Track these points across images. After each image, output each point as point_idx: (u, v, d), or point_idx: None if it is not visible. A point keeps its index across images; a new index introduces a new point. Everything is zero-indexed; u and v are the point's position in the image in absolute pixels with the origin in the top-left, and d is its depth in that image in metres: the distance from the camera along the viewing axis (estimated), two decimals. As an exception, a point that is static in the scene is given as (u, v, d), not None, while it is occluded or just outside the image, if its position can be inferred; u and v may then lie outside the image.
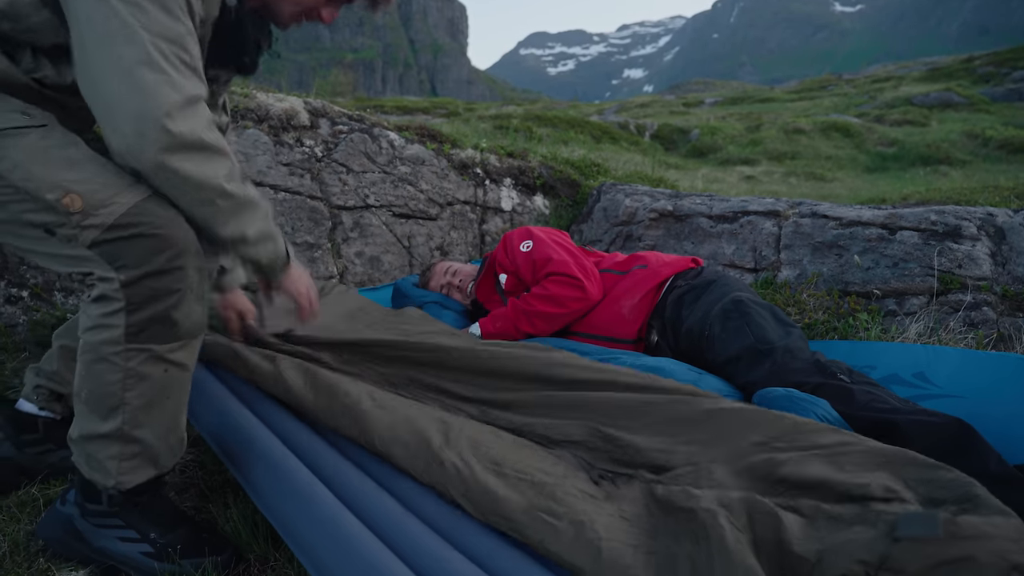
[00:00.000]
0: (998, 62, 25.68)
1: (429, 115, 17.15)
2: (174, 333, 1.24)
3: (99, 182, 1.18)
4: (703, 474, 1.18)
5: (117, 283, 1.16)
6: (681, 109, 25.72)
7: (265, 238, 1.36)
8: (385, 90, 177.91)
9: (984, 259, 2.42)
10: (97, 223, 1.15)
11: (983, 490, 1.00)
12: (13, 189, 1.16)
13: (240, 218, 1.28)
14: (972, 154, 12.38)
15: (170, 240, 1.19)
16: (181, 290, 1.21)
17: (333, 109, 3.73)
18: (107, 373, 1.21)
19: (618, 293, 2.33)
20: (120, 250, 1.16)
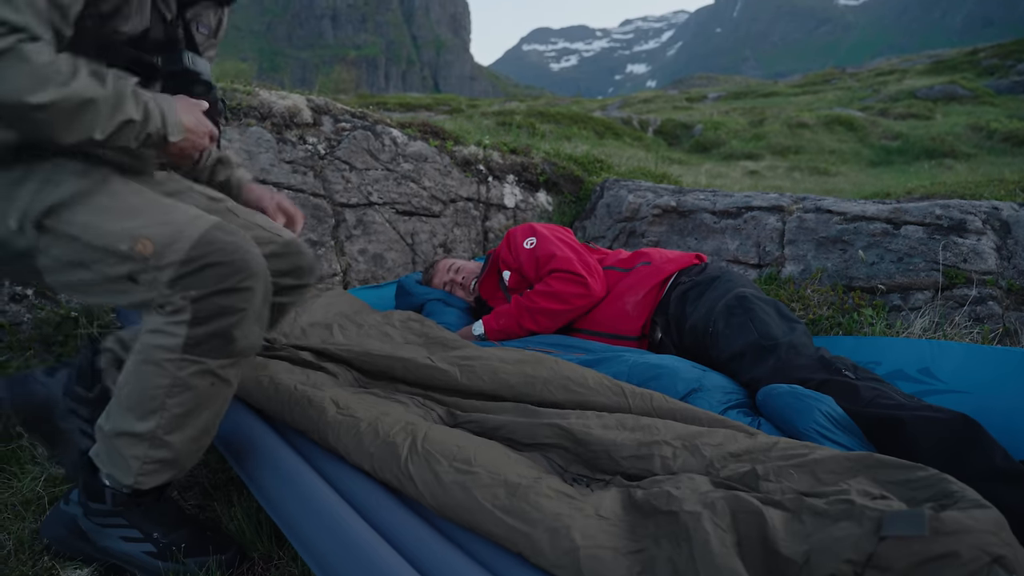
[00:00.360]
0: (1003, 54, 25.52)
1: (432, 112, 17.12)
2: (231, 350, 1.26)
3: (164, 222, 1.22)
4: (683, 480, 1.18)
5: (187, 298, 1.19)
6: (684, 104, 25.65)
7: (121, 129, 1.21)
8: (388, 87, 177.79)
9: (989, 253, 2.41)
10: (171, 260, 1.18)
11: (958, 485, 1.00)
12: (91, 249, 1.21)
13: (73, 123, 1.15)
14: (977, 147, 12.32)
15: (238, 264, 1.21)
16: (245, 310, 1.24)
17: (336, 106, 3.72)
18: (155, 377, 1.22)
19: (622, 290, 2.32)
20: (194, 280, 1.19)
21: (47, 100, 1.09)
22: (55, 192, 1.23)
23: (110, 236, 1.20)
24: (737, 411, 1.75)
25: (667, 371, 1.82)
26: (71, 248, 1.22)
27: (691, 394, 1.77)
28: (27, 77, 1.07)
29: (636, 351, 2.03)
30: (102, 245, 1.20)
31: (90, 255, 1.21)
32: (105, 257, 1.20)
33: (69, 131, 1.15)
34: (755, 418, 1.71)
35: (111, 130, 1.18)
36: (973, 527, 0.87)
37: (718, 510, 1.02)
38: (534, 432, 1.44)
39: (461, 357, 1.78)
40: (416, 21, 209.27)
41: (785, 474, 1.16)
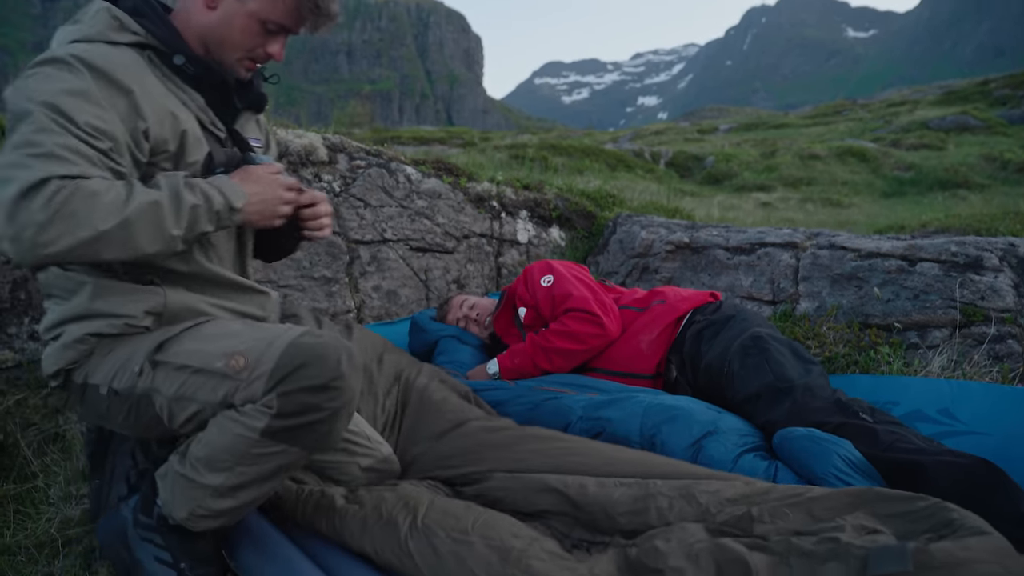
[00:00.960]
0: (1014, 84, 25.53)
1: (445, 145, 17.31)
2: (311, 443, 1.29)
3: (255, 338, 1.27)
4: (675, 531, 1.17)
5: (274, 393, 1.22)
6: (696, 136, 25.79)
7: (192, 216, 1.26)
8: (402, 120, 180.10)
9: (1007, 291, 2.39)
10: (262, 372, 1.22)
11: (960, 512, 0.99)
12: (193, 374, 1.27)
13: (151, 229, 1.20)
14: (991, 177, 12.27)
15: (326, 365, 1.23)
16: (330, 409, 1.26)
17: (351, 144, 3.78)
18: (231, 445, 1.25)
19: (637, 328, 2.32)
20: (284, 382, 1.22)
21: (119, 219, 1.15)
22: (169, 332, 1.34)
23: (208, 356, 1.26)
24: (753, 454, 1.72)
25: (682, 413, 1.81)
26: (177, 379, 1.28)
27: (706, 436, 1.75)
28: (94, 210, 1.13)
29: (650, 391, 2.02)
30: (201, 367, 1.26)
31: (192, 383, 1.27)
32: (205, 381, 1.25)
33: (152, 238, 1.20)
34: (772, 461, 1.68)
35: (185, 221, 1.24)
36: (965, 558, 0.85)
37: (702, 563, 1.02)
38: (534, 500, 1.45)
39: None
40: (430, 56, 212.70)
41: (780, 514, 1.16)
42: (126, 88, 1.27)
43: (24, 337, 2.41)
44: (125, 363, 1.33)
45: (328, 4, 1.43)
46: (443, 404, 2.01)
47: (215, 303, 1.48)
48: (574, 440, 1.73)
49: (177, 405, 1.28)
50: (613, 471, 1.55)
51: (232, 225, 1.36)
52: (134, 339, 1.36)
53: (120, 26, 1.35)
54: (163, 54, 1.39)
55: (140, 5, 1.39)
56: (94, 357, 1.37)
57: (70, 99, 1.19)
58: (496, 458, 1.68)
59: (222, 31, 1.41)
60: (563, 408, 1.99)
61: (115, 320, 1.35)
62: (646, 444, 1.79)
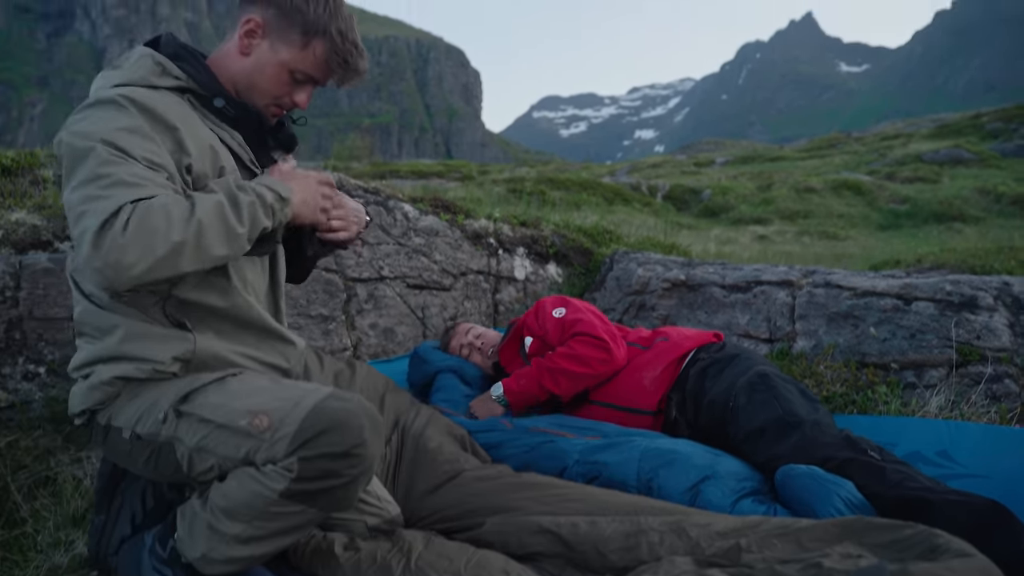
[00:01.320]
0: (1006, 118, 25.85)
1: (444, 179, 17.43)
2: (329, 506, 1.30)
3: (281, 398, 1.28)
4: (663, 565, 1.17)
5: (295, 457, 1.22)
6: (692, 169, 26.01)
7: (253, 214, 1.31)
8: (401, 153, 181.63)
9: (1003, 330, 2.39)
10: (285, 433, 1.23)
11: (946, 537, 0.99)
12: (215, 429, 1.28)
13: (216, 236, 1.24)
14: (985, 210, 12.37)
15: (350, 431, 1.24)
16: (350, 477, 1.27)
17: (350, 182, 3.80)
18: (249, 501, 1.26)
19: (640, 364, 2.32)
20: (307, 447, 1.22)
21: (193, 228, 1.20)
22: (197, 382, 1.35)
23: (232, 413, 1.27)
24: (752, 499, 1.70)
25: (680, 457, 1.79)
26: (200, 431, 1.29)
27: (703, 481, 1.74)
28: (169, 224, 1.18)
29: (649, 434, 2.00)
30: (224, 422, 1.27)
31: (214, 437, 1.28)
32: (227, 437, 1.27)
33: (222, 239, 1.25)
34: (770, 505, 1.67)
35: (246, 218, 1.29)
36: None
37: None
38: (527, 542, 1.45)
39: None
40: (429, 90, 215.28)
41: (768, 544, 1.16)
42: (172, 125, 1.33)
43: (18, 377, 2.40)
44: (150, 409, 1.35)
45: (357, 60, 1.51)
46: (438, 454, 2.00)
47: (242, 352, 1.49)
48: (569, 486, 1.72)
49: (198, 456, 1.30)
50: (609, 513, 1.55)
51: (284, 219, 1.40)
52: (160, 385, 1.38)
53: (163, 71, 1.41)
54: (202, 97, 1.46)
55: (180, 51, 1.47)
56: (120, 400, 1.40)
57: (126, 135, 1.25)
58: (491, 507, 1.67)
59: (253, 77, 1.48)
60: (559, 452, 1.97)
61: (143, 364, 1.36)
62: (643, 488, 1.77)
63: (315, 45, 1.46)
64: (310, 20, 1.44)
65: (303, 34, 1.45)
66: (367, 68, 1.56)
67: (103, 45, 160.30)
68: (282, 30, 1.45)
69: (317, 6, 1.44)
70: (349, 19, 1.49)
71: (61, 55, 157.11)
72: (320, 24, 1.44)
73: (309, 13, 1.43)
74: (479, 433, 2.21)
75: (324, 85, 1.56)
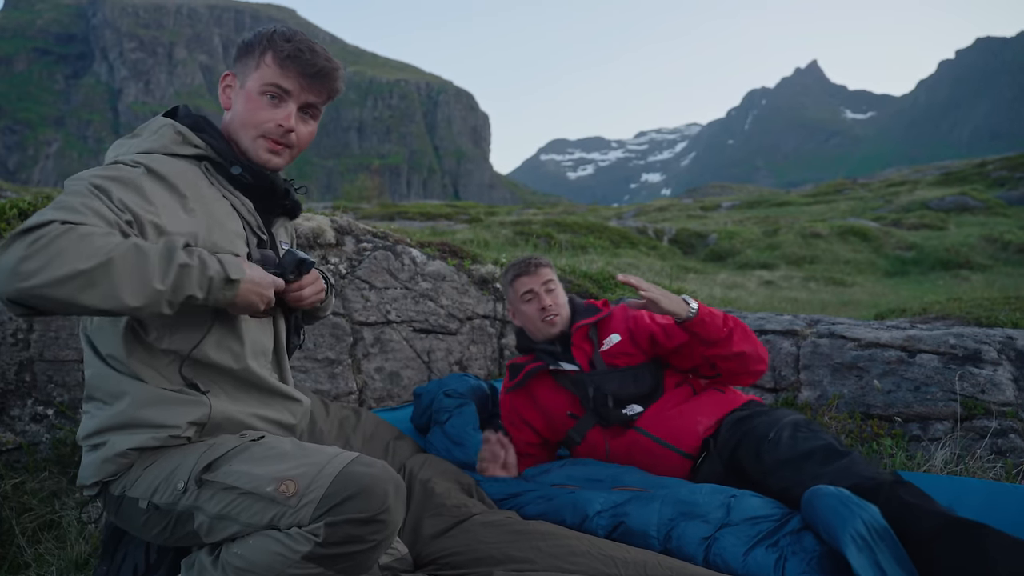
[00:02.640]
0: (1011, 166, 26.05)
1: (451, 220, 17.61)
2: (348, 569, 1.29)
3: (307, 463, 1.29)
4: None
5: (322, 523, 1.23)
6: (699, 213, 26.19)
7: (180, 276, 1.22)
8: (410, 194, 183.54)
9: (1007, 384, 2.39)
10: (311, 499, 1.23)
11: None
12: (240, 496, 1.28)
13: (126, 280, 1.16)
14: (992, 258, 12.39)
15: (375, 497, 1.25)
16: (374, 542, 1.27)
17: (358, 227, 3.86)
18: (269, 563, 1.25)
19: (698, 406, 2.24)
20: (332, 512, 1.23)
21: (101, 259, 1.13)
22: (218, 449, 1.35)
23: (258, 480, 1.27)
24: (765, 545, 1.71)
25: (698, 508, 1.81)
26: (223, 499, 1.29)
27: (720, 529, 1.75)
28: (80, 250, 1.12)
29: (672, 486, 1.98)
30: (250, 489, 1.27)
31: (238, 504, 1.28)
32: (252, 504, 1.27)
33: (134, 288, 1.16)
34: (781, 552, 1.67)
35: (171, 278, 1.20)
36: None
37: None
38: None
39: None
40: (438, 132, 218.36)
41: None
42: (181, 192, 1.39)
43: (26, 419, 2.42)
44: (168, 478, 1.34)
45: (309, 56, 1.50)
46: (446, 498, 2.01)
47: (252, 412, 1.50)
48: (578, 538, 1.72)
49: (219, 524, 1.29)
50: (614, 572, 1.56)
51: (223, 300, 1.31)
52: (176, 453, 1.37)
53: (183, 140, 1.48)
54: (218, 165, 1.51)
55: (199, 121, 1.54)
56: (134, 469, 1.38)
57: (115, 184, 1.29)
58: (497, 557, 1.67)
59: (238, 118, 1.53)
60: (582, 501, 1.98)
61: (159, 432, 1.36)
62: (663, 539, 1.79)
63: (264, 57, 1.50)
64: (255, 43, 1.52)
65: (253, 56, 1.52)
66: (337, 68, 1.56)
67: (120, 87, 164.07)
68: (243, 68, 1.53)
69: (262, 31, 1.53)
70: (296, 32, 1.53)
71: (78, 96, 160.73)
72: (263, 39, 1.51)
73: (254, 40, 1.52)
74: (493, 483, 2.22)
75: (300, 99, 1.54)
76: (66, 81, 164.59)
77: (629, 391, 2.29)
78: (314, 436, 2.31)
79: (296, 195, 1.72)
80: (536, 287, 2.44)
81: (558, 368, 2.35)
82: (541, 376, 2.42)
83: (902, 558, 1.48)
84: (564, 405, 2.39)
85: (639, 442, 2.24)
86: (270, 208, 1.64)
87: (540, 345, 2.47)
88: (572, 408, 2.38)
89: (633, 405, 2.27)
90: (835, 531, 1.53)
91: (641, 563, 1.56)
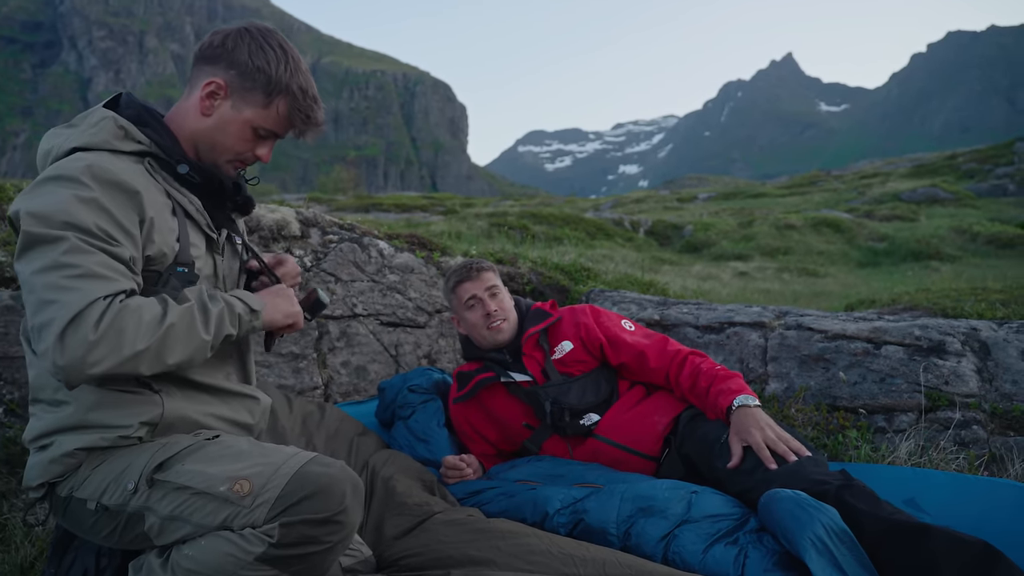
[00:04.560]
0: (980, 159, 26.49)
1: (427, 212, 17.50)
2: (303, 571, 1.25)
3: (262, 463, 1.26)
4: None
5: (276, 523, 1.20)
6: (675, 204, 26.31)
7: (220, 323, 1.33)
8: (387, 186, 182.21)
9: (970, 376, 2.40)
10: (266, 499, 1.21)
11: None
12: (193, 496, 1.24)
13: (180, 343, 1.25)
14: (961, 249, 12.57)
15: (332, 498, 1.23)
16: (329, 544, 1.25)
17: (324, 218, 3.79)
18: (220, 564, 1.22)
19: (652, 408, 2.20)
20: (287, 512, 1.20)
21: (159, 335, 1.21)
22: (171, 448, 1.31)
23: (211, 479, 1.23)
24: (724, 543, 1.69)
25: (657, 504, 1.79)
26: (175, 500, 1.25)
27: (679, 526, 1.74)
28: (139, 328, 1.19)
29: (632, 481, 1.96)
30: (203, 489, 1.23)
31: (190, 504, 1.24)
32: (205, 504, 1.23)
33: (185, 346, 1.25)
34: (741, 548, 1.65)
35: (213, 327, 1.30)
36: None
37: None
38: None
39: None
40: (416, 124, 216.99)
41: None
42: (134, 190, 1.31)
43: (-27, 418, 2.34)
44: (117, 478, 1.30)
45: (317, 114, 1.53)
46: (407, 496, 1.99)
47: (211, 412, 1.46)
48: (537, 536, 1.70)
49: (171, 525, 1.26)
50: (573, 571, 1.54)
51: (254, 329, 1.42)
52: (126, 453, 1.33)
53: (125, 135, 1.38)
54: (163, 162, 1.43)
55: (142, 113, 1.44)
56: (82, 470, 1.34)
57: (90, 216, 1.23)
58: (456, 558, 1.65)
59: (215, 136, 1.47)
60: (541, 499, 1.95)
61: (108, 433, 1.32)
62: (622, 536, 1.77)
63: (278, 103, 1.47)
64: (273, 80, 1.45)
65: (266, 94, 1.45)
66: (324, 120, 1.58)
67: (89, 76, 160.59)
68: (245, 91, 1.45)
69: (279, 66, 1.45)
70: (307, 74, 1.51)
71: (46, 86, 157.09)
72: (282, 83, 1.45)
73: (272, 73, 1.44)
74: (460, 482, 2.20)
75: (283, 137, 1.57)
76: (33, 70, 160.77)
77: (588, 401, 2.25)
78: (276, 433, 2.26)
79: (248, 190, 1.65)
80: (479, 292, 2.40)
81: (510, 380, 2.30)
82: (492, 386, 2.36)
83: (863, 559, 1.47)
84: (519, 416, 2.34)
85: (601, 450, 2.21)
86: (220, 205, 1.56)
87: (489, 354, 2.41)
88: (527, 419, 2.33)
89: (590, 414, 2.24)
90: (793, 536, 1.51)
91: (600, 561, 1.54)
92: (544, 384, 2.29)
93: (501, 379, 2.30)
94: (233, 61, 1.44)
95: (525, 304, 2.54)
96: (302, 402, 2.62)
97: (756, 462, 1.81)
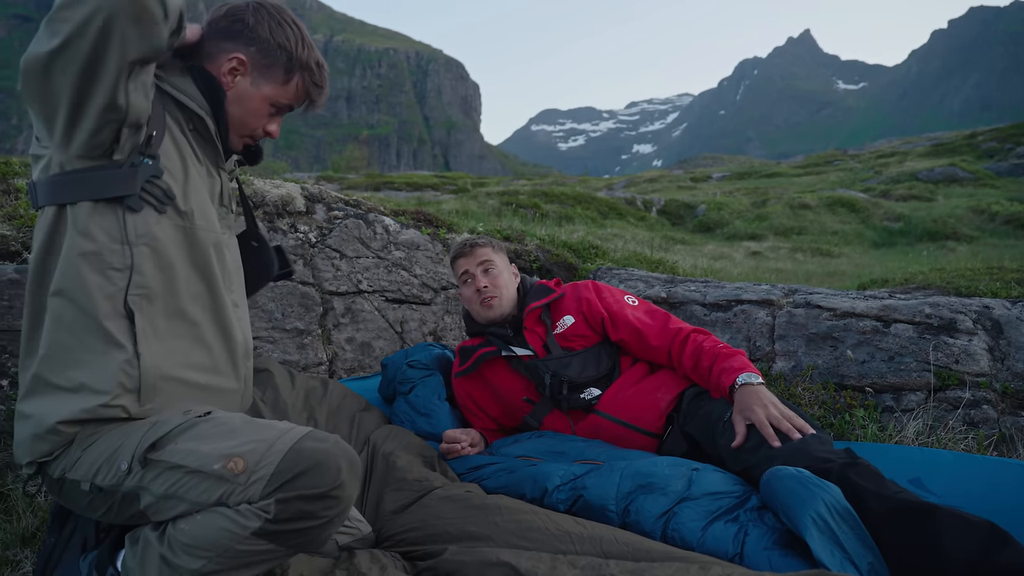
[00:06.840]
0: (1001, 138, 26.02)
1: (438, 191, 17.44)
2: (299, 546, 1.26)
3: (256, 440, 1.25)
4: None
5: (273, 499, 1.19)
6: (689, 184, 26.09)
7: None
8: (400, 164, 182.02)
9: (981, 354, 2.35)
10: (261, 476, 1.20)
11: None
12: (187, 475, 1.23)
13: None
14: (979, 229, 12.38)
15: (328, 473, 1.22)
16: (326, 518, 1.24)
17: (330, 194, 3.77)
18: (216, 539, 1.21)
19: (656, 384, 2.18)
20: (283, 488, 1.20)
21: None
22: (163, 428, 1.29)
23: (205, 458, 1.23)
24: (724, 520, 1.67)
25: (657, 481, 1.76)
26: (170, 479, 1.24)
27: (679, 504, 1.71)
28: None
29: (632, 458, 1.94)
30: (197, 468, 1.22)
31: (185, 483, 1.23)
32: (200, 483, 1.22)
33: None
34: (741, 526, 1.63)
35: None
36: None
37: None
38: (484, 574, 1.41)
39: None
40: (428, 102, 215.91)
41: None
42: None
43: (-22, 391, 2.35)
44: (110, 459, 1.29)
45: (327, 83, 1.61)
46: (407, 472, 1.98)
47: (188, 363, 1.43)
48: (536, 513, 1.68)
49: (165, 504, 1.25)
50: (570, 549, 1.51)
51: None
52: (116, 432, 1.31)
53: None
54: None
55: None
56: (72, 450, 1.32)
57: None
58: (453, 533, 1.64)
59: (232, 110, 1.50)
60: (541, 475, 1.94)
61: (87, 400, 1.29)
62: (621, 512, 1.75)
63: (297, 79, 1.53)
64: (293, 57, 1.50)
65: (287, 71, 1.51)
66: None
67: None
68: (264, 67, 1.49)
69: (298, 43, 1.50)
70: (314, 45, 1.57)
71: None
72: (302, 60, 1.51)
73: (292, 51, 1.49)
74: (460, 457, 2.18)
75: (293, 110, 1.63)
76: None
77: (589, 375, 2.23)
78: (278, 409, 2.25)
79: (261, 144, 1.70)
80: (471, 268, 2.39)
81: (511, 354, 2.28)
82: (494, 360, 2.35)
83: (865, 538, 1.44)
84: (519, 390, 2.33)
85: (603, 426, 2.19)
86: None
87: (491, 329, 2.39)
88: (527, 393, 2.32)
89: (591, 388, 2.22)
90: (794, 514, 1.49)
91: (597, 539, 1.52)
92: (545, 358, 2.27)
93: (502, 353, 2.28)
94: (253, 38, 1.48)
95: (530, 281, 2.52)
96: (305, 377, 2.61)
97: (759, 440, 1.78)
